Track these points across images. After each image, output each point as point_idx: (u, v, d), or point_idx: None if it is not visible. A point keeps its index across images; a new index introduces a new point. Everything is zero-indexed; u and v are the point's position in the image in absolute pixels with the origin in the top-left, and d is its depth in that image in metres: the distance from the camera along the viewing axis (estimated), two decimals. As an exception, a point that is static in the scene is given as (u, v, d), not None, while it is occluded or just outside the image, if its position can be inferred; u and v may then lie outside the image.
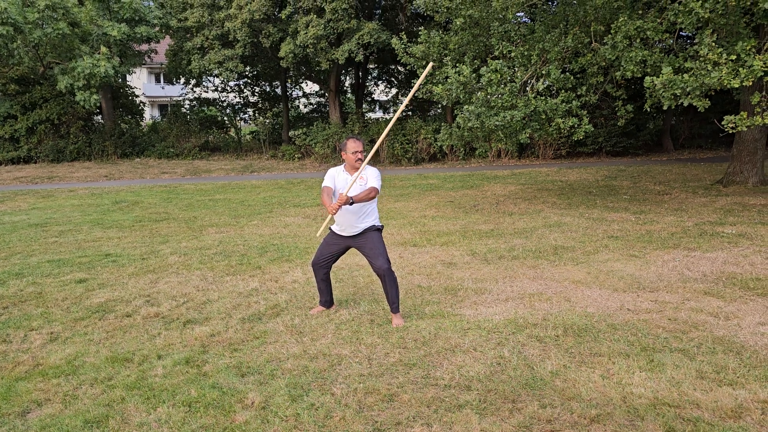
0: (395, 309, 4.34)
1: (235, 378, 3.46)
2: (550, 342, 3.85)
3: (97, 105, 18.88)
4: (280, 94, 25.12)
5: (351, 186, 4.16)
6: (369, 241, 4.29)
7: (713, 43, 7.23)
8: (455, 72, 8.66)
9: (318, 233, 4.53)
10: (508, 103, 8.35)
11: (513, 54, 8.98)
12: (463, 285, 5.34)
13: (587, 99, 9.26)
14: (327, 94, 23.44)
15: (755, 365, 3.42)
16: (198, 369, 3.62)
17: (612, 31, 8.03)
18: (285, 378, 3.43)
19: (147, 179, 17.51)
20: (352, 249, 4.53)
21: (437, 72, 9.66)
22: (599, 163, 17.10)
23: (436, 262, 6.31)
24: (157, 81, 39.28)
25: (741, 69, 6.99)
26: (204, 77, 22.82)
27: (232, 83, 25.07)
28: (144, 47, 21.86)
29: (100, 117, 23.99)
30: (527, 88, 9.12)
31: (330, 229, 4.53)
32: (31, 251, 7.54)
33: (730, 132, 7.78)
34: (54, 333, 4.38)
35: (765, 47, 7.95)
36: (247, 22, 17.82)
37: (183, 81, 23.76)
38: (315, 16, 17.45)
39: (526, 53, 8.95)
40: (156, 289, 5.50)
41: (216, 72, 19.53)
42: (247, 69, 22.87)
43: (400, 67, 23.31)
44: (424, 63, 10.06)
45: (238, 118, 26.76)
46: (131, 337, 4.23)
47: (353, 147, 4.22)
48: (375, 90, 26.95)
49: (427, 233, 7.96)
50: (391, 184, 14.19)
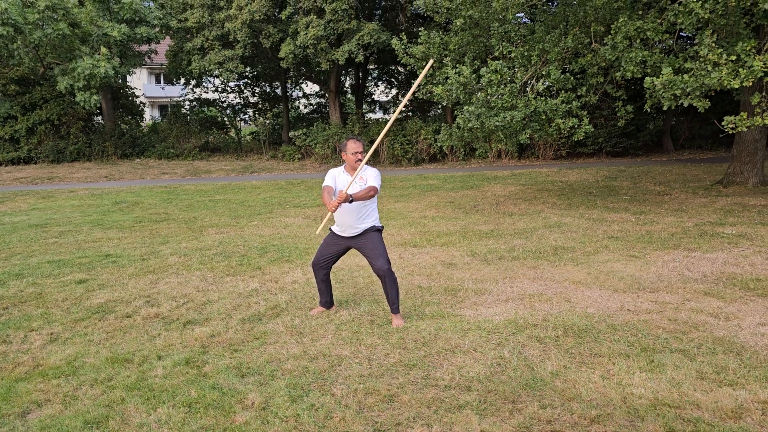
0: (395, 309, 4.34)
1: (235, 379, 3.47)
2: (550, 342, 3.85)
3: (97, 105, 18.89)
4: (280, 94, 25.13)
5: (350, 185, 4.17)
6: (369, 242, 4.30)
7: (713, 44, 7.23)
8: (455, 72, 8.66)
9: (317, 231, 4.54)
10: (508, 104, 8.36)
11: (513, 54, 8.98)
12: (463, 285, 5.34)
13: (587, 99, 9.26)
14: (327, 94, 23.45)
15: (755, 366, 3.42)
16: (198, 370, 3.62)
17: (612, 32, 8.04)
18: (285, 379, 3.44)
19: (147, 180, 17.51)
20: (352, 249, 4.53)
21: (437, 73, 9.66)
22: (599, 164, 17.10)
23: (436, 262, 6.31)
24: (158, 81, 39.29)
25: (741, 69, 6.99)
26: (204, 78, 22.83)
27: (232, 84, 25.09)
28: (144, 48, 21.88)
29: (100, 117, 24.00)
30: (527, 88, 9.12)
31: (330, 230, 4.53)
32: (31, 252, 7.54)
33: (730, 132, 7.78)
34: (54, 334, 4.38)
35: (765, 48, 7.96)
36: (247, 22, 17.84)
37: (183, 81, 23.77)
38: (315, 16, 17.46)
39: (526, 54, 8.96)
40: (156, 290, 5.50)
41: (216, 72, 19.54)
42: (247, 69, 22.88)
43: (400, 68, 23.31)
44: (424, 63, 10.06)
45: (238, 118, 26.77)
46: (131, 338, 4.24)
47: (353, 148, 4.22)
48: (375, 90, 26.95)
49: (427, 234, 7.96)
50: (391, 184, 14.19)
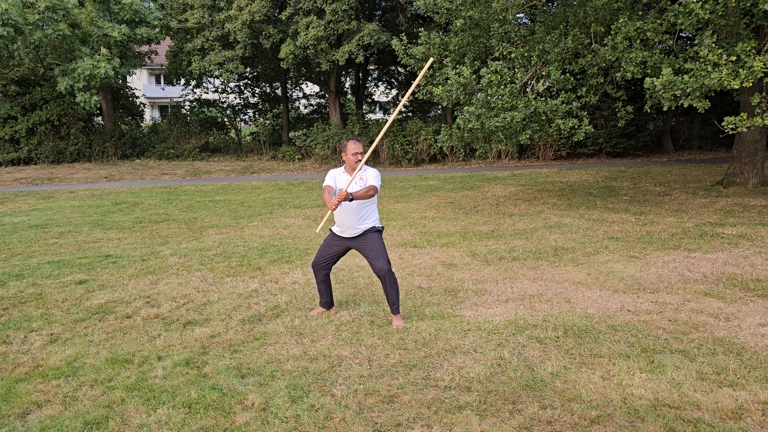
0: (395, 310, 4.34)
1: (235, 379, 3.46)
2: (550, 343, 3.85)
3: (98, 106, 18.90)
4: (280, 95, 25.14)
5: (350, 184, 4.18)
6: (369, 243, 4.30)
7: (713, 44, 7.23)
8: (455, 73, 8.67)
9: (318, 229, 4.54)
10: (508, 104, 8.36)
11: (513, 55, 8.98)
12: (464, 286, 5.34)
13: (587, 100, 9.26)
14: (327, 95, 23.46)
15: (756, 366, 3.42)
16: (198, 370, 3.62)
17: (612, 32, 8.04)
18: (285, 379, 3.43)
19: (147, 180, 17.51)
20: (352, 250, 4.53)
21: (437, 73, 9.66)
22: (599, 164, 17.10)
23: (436, 263, 6.31)
24: (158, 82, 39.29)
25: (741, 70, 6.99)
26: (204, 78, 22.84)
27: (232, 84, 25.10)
28: (144, 48, 21.90)
29: (100, 118, 24.01)
30: (527, 89, 9.12)
31: (330, 230, 4.54)
32: (31, 252, 7.54)
33: (730, 133, 7.77)
34: (54, 334, 4.38)
35: (765, 48, 7.95)
36: (248, 23, 17.84)
37: (183, 82, 23.78)
38: (315, 17, 17.47)
39: (526, 54, 8.96)
40: (156, 291, 5.50)
41: (216, 73, 19.56)
42: (248, 70, 22.89)
43: (400, 69, 23.32)
44: (423, 64, 10.06)
45: (238, 119, 26.78)
46: (131, 339, 4.23)
47: (353, 148, 4.22)
48: (375, 91, 26.96)
49: (428, 234, 7.96)
50: (392, 185, 14.19)
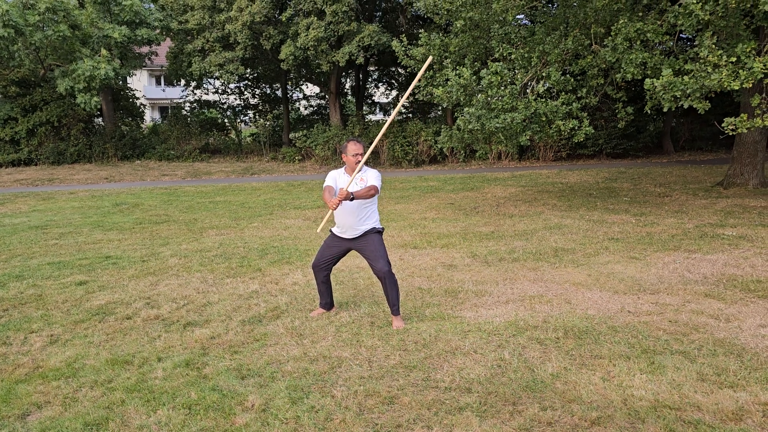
0: (395, 311, 4.34)
1: (236, 380, 3.46)
2: (550, 344, 3.85)
3: (98, 107, 18.91)
4: (280, 96, 25.15)
5: (351, 183, 4.18)
6: (369, 244, 4.30)
7: (713, 45, 7.23)
8: (455, 74, 8.67)
9: (318, 229, 4.54)
10: (508, 106, 8.36)
11: (513, 56, 8.99)
12: (464, 287, 5.34)
13: (587, 101, 9.26)
14: (327, 96, 23.47)
15: (756, 367, 3.41)
16: (198, 371, 3.62)
17: (612, 33, 8.04)
18: (285, 380, 3.43)
19: (147, 181, 17.52)
20: (352, 251, 4.53)
21: (438, 74, 9.67)
22: (599, 165, 17.10)
23: (436, 264, 6.31)
24: (158, 83, 39.33)
25: (741, 71, 6.98)
26: (204, 79, 22.86)
27: (232, 85, 25.12)
28: (144, 49, 21.92)
29: (100, 119, 24.03)
30: (527, 90, 9.12)
31: (330, 231, 4.54)
32: (32, 253, 7.54)
33: (730, 134, 7.77)
34: (54, 335, 4.37)
35: (765, 49, 7.95)
36: (248, 24, 17.86)
37: (183, 83, 23.81)
38: (315, 18, 17.48)
39: (526, 55, 8.96)
40: (156, 292, 5.50)
41: (216, 74, 19.57)
42: (248, 71, 22.90)
43: (400, 70, 23.33)
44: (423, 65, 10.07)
45: (238, 120, 26.79)
46: (131, 340, 4.23)
47: (354, 149, 4.23)
48: (375, 92, 26.98)
49: (428, 235, 7.95)
50: (392, 186, 14.19)
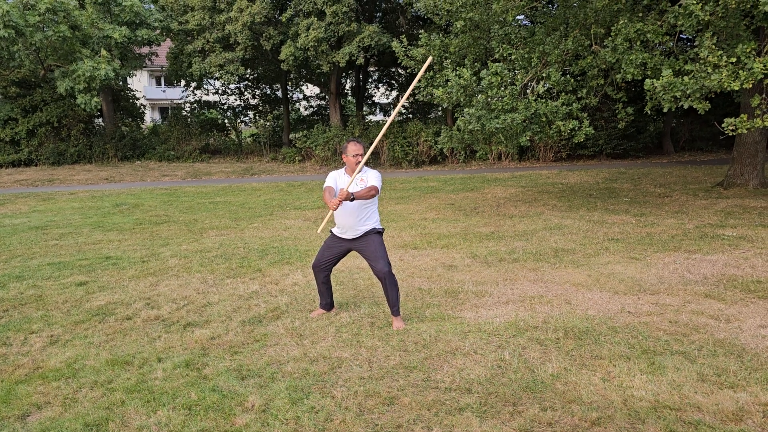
0: (396, 312, 4.34)
1: (236, 381, 3.46)
2: (550, 345, 3.85)
3: (98, 108, 18.91)
4: (280, 96, 25.16)
5: (351, 184, 4.18)
6: (370, 244, 4.30)
7: (713, 46, 7.23)
8: (455, 75, 8.67)
9: (319, 230, 4.54)
10: (508, 106, 8.36)
11: (513, 57, 8.99)
12: (464, 288, 5.34)
13: (588, 101, 9.26)
14: (327, 96, 23.48)
15: (756, 368, 3.41)
16: (198, 372, 3.62)
17: (612, 34, 8.04)
18: (285, 381, 3.43)
19: (147, 182, 17.52)
20: (352, 252, 4.53)
21: (438, 75, 9.67)
22: (600, 166, 17.09)
23: (436, 264, 6.31)
24: (158, 84, 39.34)
25: (741, 71, 6.98)
26: (205, 80, 22.86)
27: (232, 86, 25.12)
28: (145, 50, 21.92)
29: (100, 120, 24.04)
30: (528, 90, 9.12)
31: (330, 232, 4.54)
32: (32, 254, 7.54)
33: (730, 134, 7.77)
34: (54, 336, 4.37)
35: (765, 50, 7.95)
36: (248, 24, 17.87)
37: (184, 84, 23.81)
38: (316, 18, 17.49)
39: (526, 56, 8.96)
40: (156, 292, 5.50)
41: (217, 75, 19.57)
42: (248, 72, 22.91)
43: (400, 70, 23.34)
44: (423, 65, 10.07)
45: (238, 120, 26.79)
46: (131, 340, 4.23)
47: (354, 150, 4.23)
48: (375, 93, 26.99)
49: (428, 236, 7.95)
50: (392, 186, 14.19)
